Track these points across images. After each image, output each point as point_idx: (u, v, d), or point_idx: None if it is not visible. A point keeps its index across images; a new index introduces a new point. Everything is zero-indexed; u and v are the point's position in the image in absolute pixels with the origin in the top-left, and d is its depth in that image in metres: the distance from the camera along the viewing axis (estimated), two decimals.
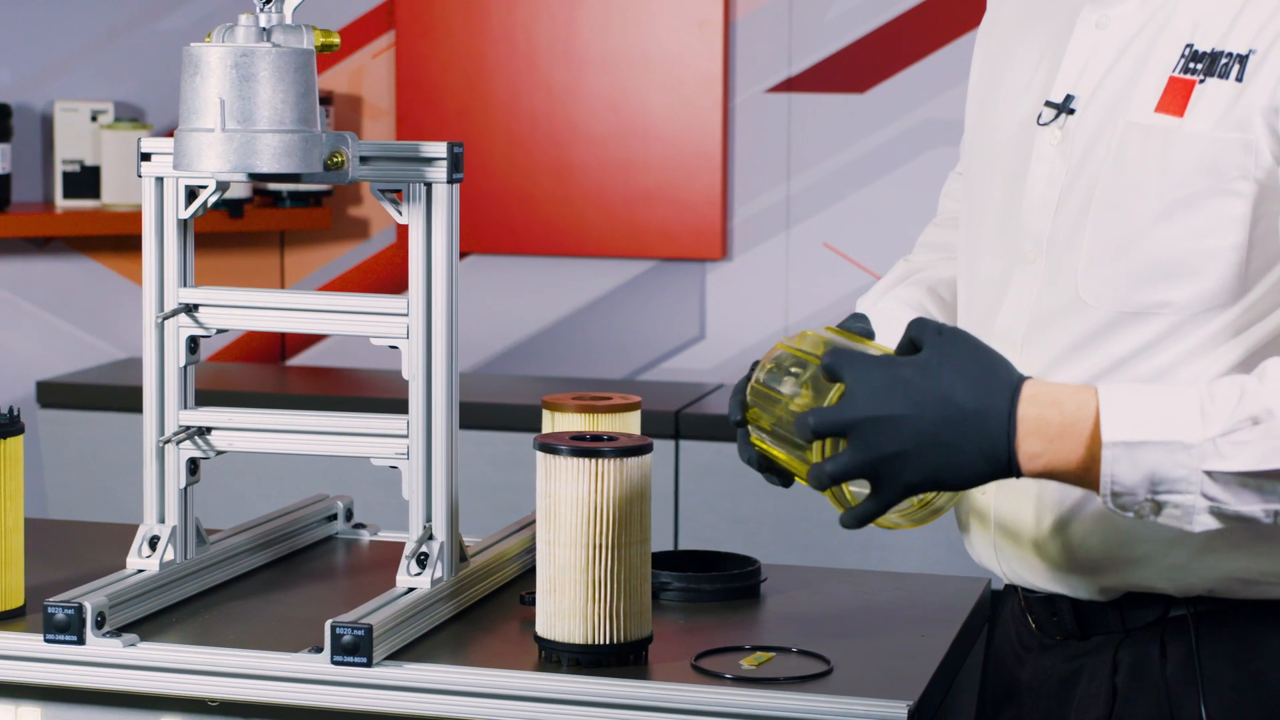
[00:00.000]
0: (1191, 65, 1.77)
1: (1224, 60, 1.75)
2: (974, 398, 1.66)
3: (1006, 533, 1.91)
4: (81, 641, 1.95)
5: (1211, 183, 1.75)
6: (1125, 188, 1.79)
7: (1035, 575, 1.90)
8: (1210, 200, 1.75)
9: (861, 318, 1.86)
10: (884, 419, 1.66)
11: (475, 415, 3.63)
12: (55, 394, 4.14)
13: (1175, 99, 1.77)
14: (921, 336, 1.71)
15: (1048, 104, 1.87)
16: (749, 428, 1.85)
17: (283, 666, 1.91)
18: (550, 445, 1.90)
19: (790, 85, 4.36)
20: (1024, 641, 1.98)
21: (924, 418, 1.66)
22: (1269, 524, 1.67)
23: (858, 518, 1.71)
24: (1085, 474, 1.68)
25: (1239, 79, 1.74)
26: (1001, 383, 1.68)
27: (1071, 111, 1.85)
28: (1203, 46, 1.77)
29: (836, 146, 4.35)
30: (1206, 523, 1.66)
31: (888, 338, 1.93)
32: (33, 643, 1.96)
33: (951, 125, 4.21)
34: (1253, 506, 1.65)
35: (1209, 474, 1.64)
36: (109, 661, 1.94)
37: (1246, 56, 1.74)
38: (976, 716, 2.08)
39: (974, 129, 2.02)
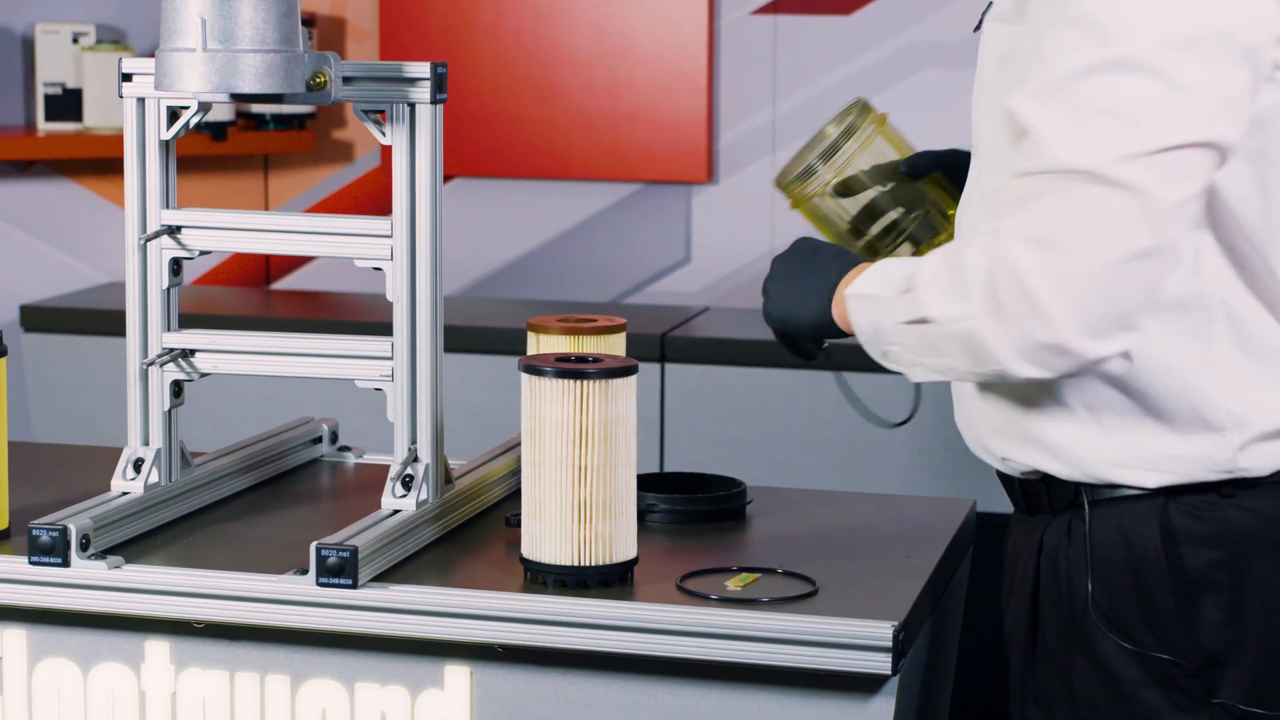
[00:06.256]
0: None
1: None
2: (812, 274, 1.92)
3: (959, 406, 1.97)
4: (66, 564, 1.95)
5: None
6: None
7: (972, 444, 1.97)
8: None
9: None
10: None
11: (460, 338, 3.62)
12: (39, 318, 4.12)
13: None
14: None
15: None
16: None
17: (268, 588, 1.91)
18: (535, 367, 1.90)
19: (776, 7, 4.33)
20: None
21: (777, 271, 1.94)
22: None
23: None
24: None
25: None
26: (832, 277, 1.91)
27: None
28: None
29: (823, 69, 4.32)
30: (922, 375, 1.81)
31: None
32: (17, 565, 1.96)
33: (938, 48, 4.19)
34: (926, 359, 1.78)
35: (900, 325, 1.79)
36: (94, 584, 1.94)
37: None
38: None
39: None
